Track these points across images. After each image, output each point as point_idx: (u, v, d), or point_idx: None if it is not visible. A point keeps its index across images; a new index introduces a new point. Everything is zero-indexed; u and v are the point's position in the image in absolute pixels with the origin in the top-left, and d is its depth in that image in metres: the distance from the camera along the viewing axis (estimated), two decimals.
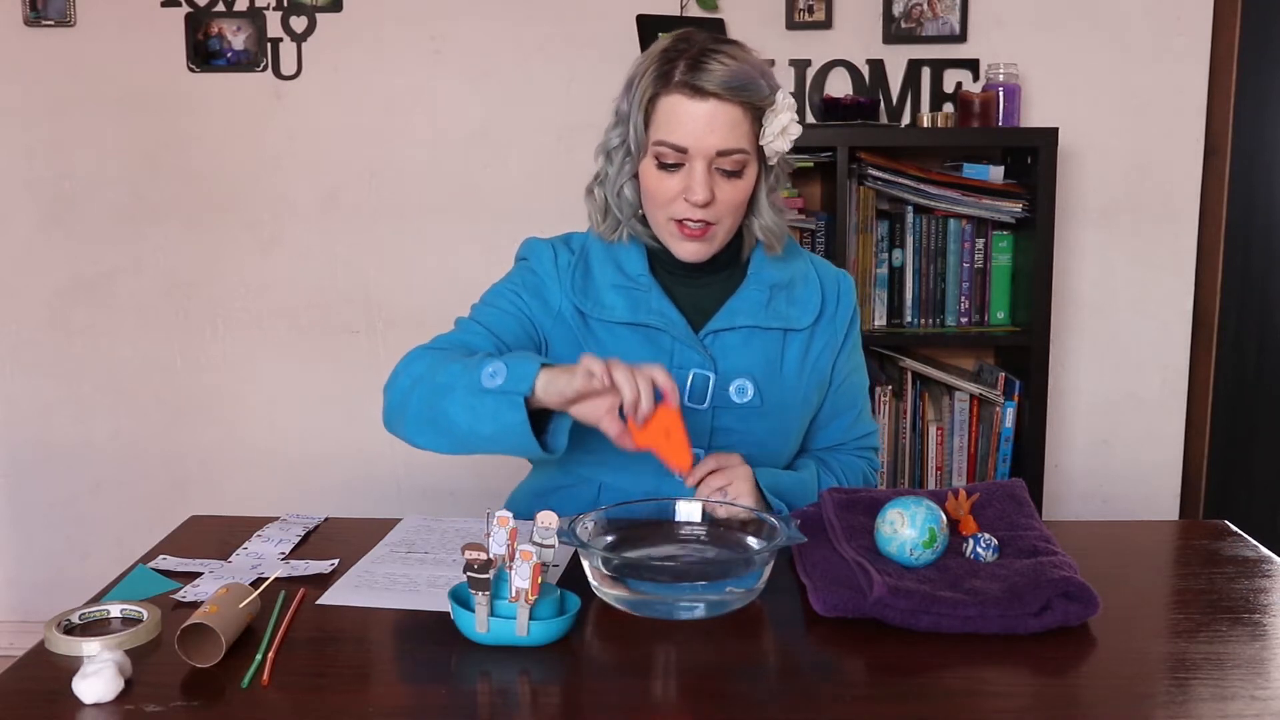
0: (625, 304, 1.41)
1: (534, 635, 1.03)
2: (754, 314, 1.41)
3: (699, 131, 1.30)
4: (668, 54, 1.32)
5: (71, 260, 2.66)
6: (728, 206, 1.35)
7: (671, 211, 1.35)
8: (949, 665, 1.01)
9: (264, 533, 1.37)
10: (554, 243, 1.47)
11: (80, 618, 1.09)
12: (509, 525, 1.07)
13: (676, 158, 1.32)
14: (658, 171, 1.34)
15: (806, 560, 1.20)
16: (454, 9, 2.55)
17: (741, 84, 1.30)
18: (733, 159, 1.32)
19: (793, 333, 1.44)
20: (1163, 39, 2.51)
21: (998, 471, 2.43)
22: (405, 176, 2.62)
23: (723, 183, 1.33)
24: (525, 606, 1.02)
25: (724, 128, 1.30)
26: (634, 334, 1.40)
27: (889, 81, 2.53)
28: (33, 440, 2.73)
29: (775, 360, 1.43)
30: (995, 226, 2.42)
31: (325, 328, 2.67)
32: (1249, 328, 2.63)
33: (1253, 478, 2.69)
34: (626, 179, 1.39)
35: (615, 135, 1.39)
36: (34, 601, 2.78)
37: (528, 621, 1.03)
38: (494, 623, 1.04)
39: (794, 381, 1.44)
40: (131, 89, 2.59)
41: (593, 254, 1.45)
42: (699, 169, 1.31)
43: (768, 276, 1.44)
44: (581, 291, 1.42)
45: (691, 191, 1.32)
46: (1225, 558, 1.28)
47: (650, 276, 1.42)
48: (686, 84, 1.30)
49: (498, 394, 1.20)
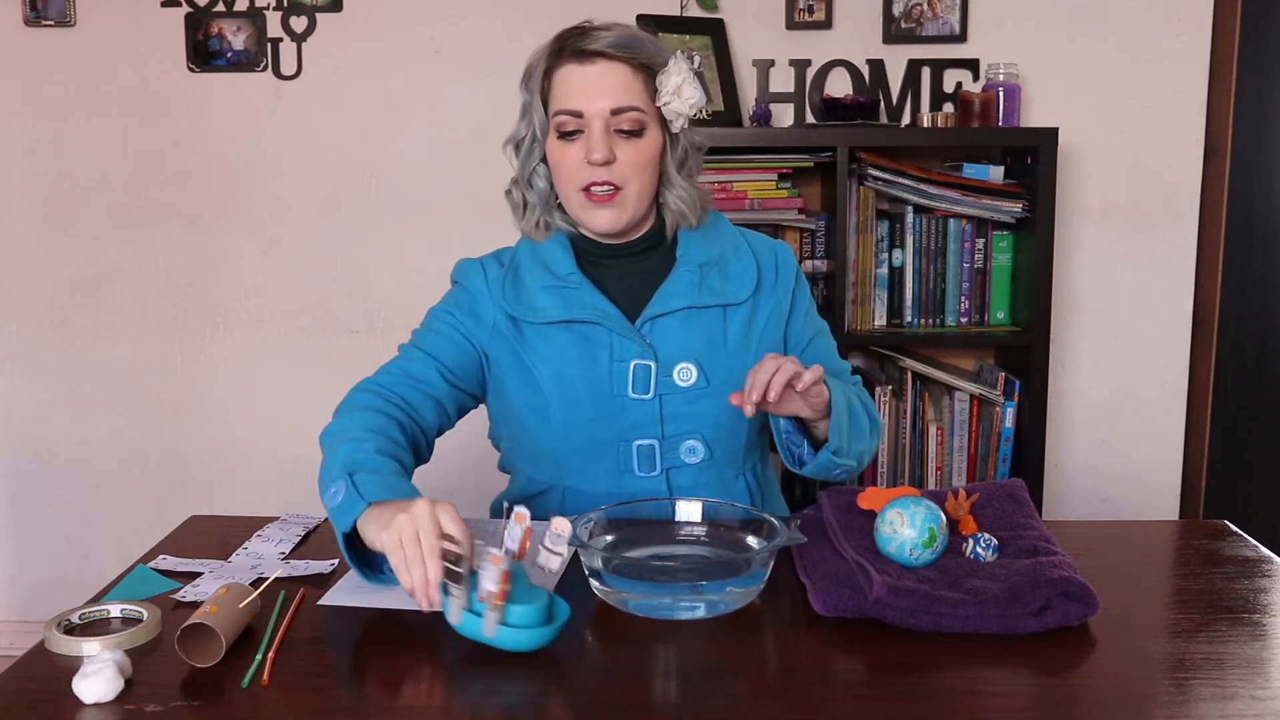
0: (557, 304, 1.41)
1: (502, 639, 1.01)
2: (688, 294, 1.41)
3: (592, 92, 1.35)
4: (558, 38, 1.39)
5: (71, 260, 2.66)
6: (631, 167, 1.37)
7: (578, 180, 1.37)
8: (949, 665, 1.01)
9: (264, 533, 1.37)
10: (484, 260, 1.50)
11: (80, 618, 1.10)
12: (525, 524, 1.08)
13: (575, 124, 1.36)
14: (560, 144, 1.38)
15: (806, 560, 1.20)
16: (454, 9, 2.55)
17: (625, 43, 1.35)
18: (628, 117, 1.36)
19: (732, 307, 1.44)
20: (1163, 39, 2.51)
21: (998, 471, 2.43)
22: (405, 176, 2.61)
23: (623, 143, 1.36)
24: (493, 609, 1.01)
25: (615, 87, 1.35)
26: (568, 332, 1.41)
27: (889, 81, 2.53)
28: (33, 440, 2.73)
29: (718, 337, 1.42)
30: (995, 226, 2.42)
31: (325, 328, 2.67)
32: (1249, 328, 2.63)
33: (1253, 478, 2.69)
34: (535, 164, 1.43)
35: (521, 126, 1.44)
36: (34, 601, 2.78)
37: (495, 624, 1.01)
38: (469, 618, 1.03)
39: (740, 355, 1.43)
40: (131, 89, 2.59)
41: (521, 262, 1.46)
42: (596, 129, 1.35)
43: (696, 255, 1.44)
44: (513, 299, 1.43)
45: (591, 151, 1.35)
46: (1225, 558, 1.28)
47: (580, 274, 1.43)
48: (575, 50, 1.36)
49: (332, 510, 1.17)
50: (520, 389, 1.42)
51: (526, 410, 1.43)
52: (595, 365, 1.39)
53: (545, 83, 1.38)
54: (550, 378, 1.40)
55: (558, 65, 1.37)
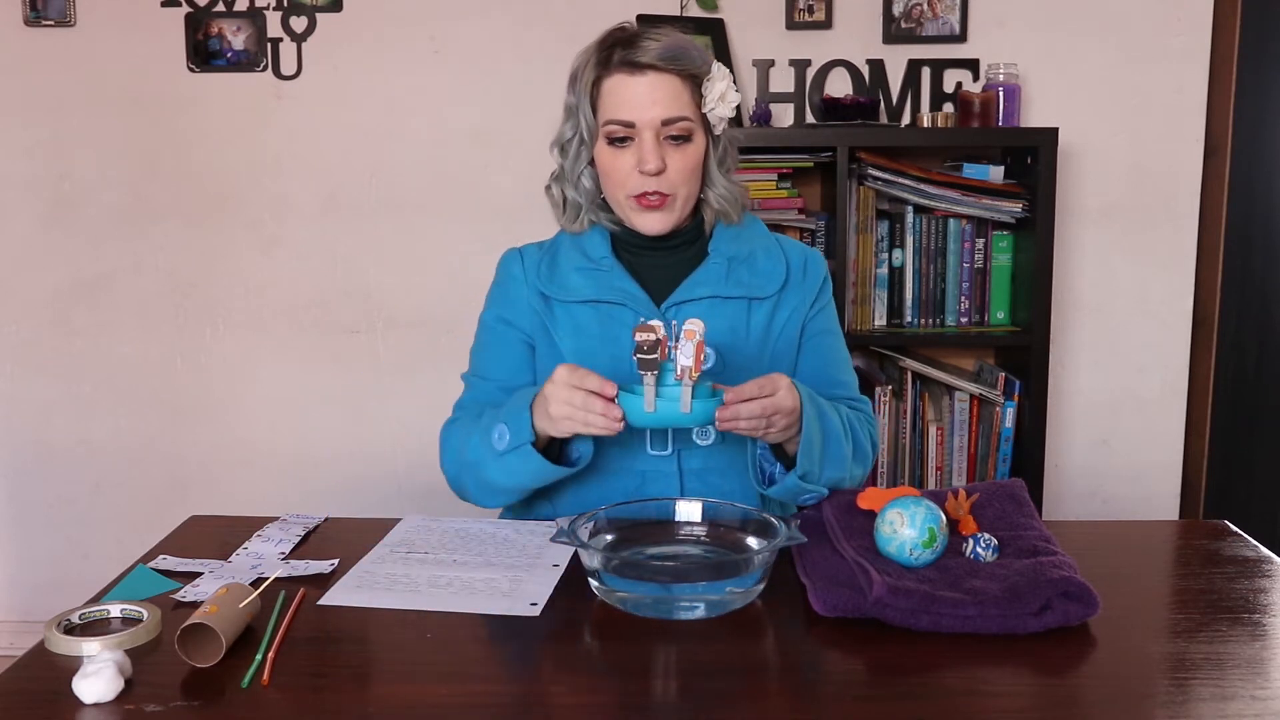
0: (588, 284, 1.47)
1: (696, 414, 1.14)
2: (715, 284, 1.46)
3: (643, 104, 1.38)
4: (604, 42, 1.42)
5: (71, 260, 2.66)
6: (681, 174, 1.41)
7: (629, 189, 1.42)
8: (949, 665, 1.01)
9: (264, 533, 1.37)
10: (525, 248, 1.55)
11: (80, 618, 1.10)
12: (696, 338, 1.16)
13: (626, 133, 1.40)
14: (610, 150, 1.42)
15: (806, 560, 1.20)
16: (454, 9, 2.55)
17: (674, 54, 1.39)
18: (678, 125, 1.40)
19: (757, 301, 1.47)
20: (1163, 39, 2.51)
21: (998, 471, 2.43)
22: (405, 176, 2.62)
23: (672, 151, 1.40)
24: (689, 385, 1.11)
25: (666, 98, 1.39)
26: (594, 311, 1.46)
27: (889, 81, 2.53)
28: (33, 440, 2.73)
29: (740, 328, 1.46)
30: (995, 226, 2.42)
31: (325, 328, 2.67)
32: (1249, 328, 2.63)
33: (1253, 478, 2.69)
34: (584, 168, 1.47)
35: (568, 128, 1.47)
36: (34, 601, 2.78)
37: (690, 399, 1.12)
38: (662, 405, 1.16)
39: (759, 348, 1.47)
40: (131, 89, 2.59)
41: (561, 246, 1.52)
42: (648, 140, 1.39)
43: (727, 250, 1.48)
44: (547, 278, 1.49)
45: (644, 162, 1.38)
46: (1225, 558, 1.28)
47: (613, 258, 1.48)
48: (625, 62, 1.39)
49: (511, 452, 1.33)
50: (546, 364, 1.46)
51: None
52: (616, 343, 1.43)
53: (594, 90, 1.42)
54: (572, 353, 1.45)
55: (607, 74, 1.40)
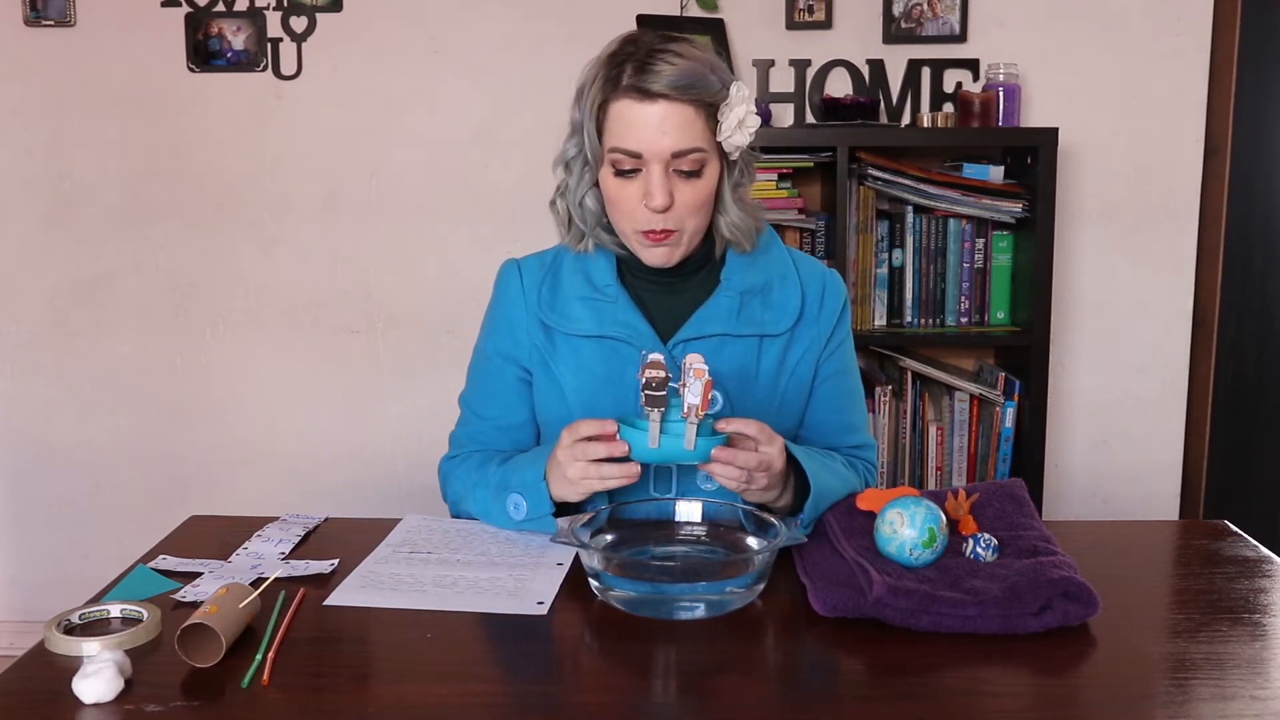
0: (591, 316, 1.38)
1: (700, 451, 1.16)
2: (725, 322, 1.37)
3: (651, 135, 1.27)
4: (615, 58, 1.29)
5: (71, 260, 2.66)
6: (689, 208, 1.31)
7: (635, 222, 1.32)
8: (949, 665, 1.01)
9: (264, 533, 1.37)
10: (525, 261, 1.46)
11: (80, 618, 1.09)
12: (704, 377, 1.16)
13: (632, 164, 1.29)
14: (616, 179, 1.31)
15: (806, 560, 1.20)
16: (454, 9, 2.55)
17: (690, 82, 1.26)
18: (690, 159, 1.28)
19: (769, 339, 1.39)
20: (1163, 39, 2.51)
21: (998, 471, 2.43)
22: (405, 176, 2.62)
23: (682, 184, 1.30)
24: (693, 424, 1.12)
25: (677, 129, 1.27)
26: (597, 347, 1.38)
27: (889, 81, 2.53)
28: (33, 440, 2.73)
29: (750, 368, 1.38)
30: (995, 226, 2.42)
31: (325, 328, 2.67)
32: (1249, 328, 2.63)
33: (1253, 478, 2.69)
34: (587, 189, 1.37)
35: (572, 145, 1.36)
36: (34, 601, 2.78)
37: (694, 438, 1.13)
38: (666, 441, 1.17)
39: (769, 389, 1.39)
40: (131, 89, 2.59)
41: (564, 264, 1.43)
42: (656, 173, 1.28)
43: (739, 282, 1.39)
44: (549, 305, 1.40)
45: (650, 196, 1.28)
46: (1225, 558, 1.28)
47: (619, 286, 1.39)
48: (634, 87, 1.26)
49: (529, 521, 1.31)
50: (546, 397, 1.41)
51: (551, 419, 1.41)
52: (621, 382, 1.35)
53: (601, 113, 1.30)
54: (575, 390, 1.38)
55: (615, 97, 1.28)
